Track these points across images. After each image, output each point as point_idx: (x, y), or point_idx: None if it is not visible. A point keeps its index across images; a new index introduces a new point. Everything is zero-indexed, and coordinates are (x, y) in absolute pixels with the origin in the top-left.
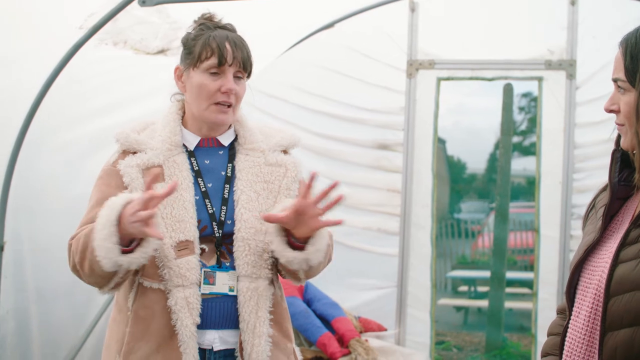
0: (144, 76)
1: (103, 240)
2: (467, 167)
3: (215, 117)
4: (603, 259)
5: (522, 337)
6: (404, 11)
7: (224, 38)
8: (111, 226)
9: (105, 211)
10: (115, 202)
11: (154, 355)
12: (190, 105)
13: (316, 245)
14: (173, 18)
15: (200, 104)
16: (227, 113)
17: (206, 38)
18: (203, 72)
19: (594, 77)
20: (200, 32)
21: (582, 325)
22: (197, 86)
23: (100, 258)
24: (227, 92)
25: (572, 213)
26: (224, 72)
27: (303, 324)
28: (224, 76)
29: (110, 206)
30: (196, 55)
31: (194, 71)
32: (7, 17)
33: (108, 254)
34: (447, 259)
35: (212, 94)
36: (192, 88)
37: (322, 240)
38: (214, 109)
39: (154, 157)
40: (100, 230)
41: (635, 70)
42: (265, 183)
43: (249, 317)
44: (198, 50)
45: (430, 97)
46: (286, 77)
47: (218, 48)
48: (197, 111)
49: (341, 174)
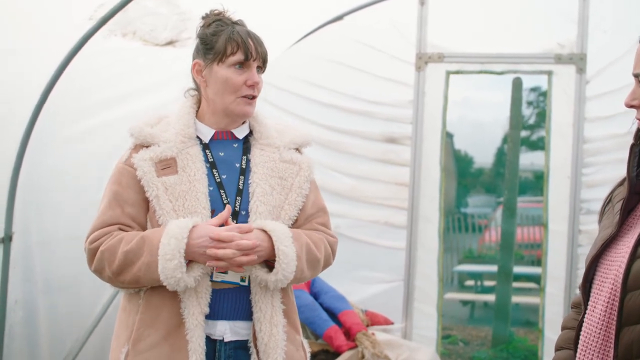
0: (153, 68)
1: (173, 270)
2: (474, 162)
3: (242, 109)
4: (620, 253)
5: (528, 332)
6: (413, 4)
7: (246, 34)
8: (180, 257)
9: (172, 241)
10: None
11: (162, 343)
12: (211, 100)
13: (278, 275)
14: (182, 9)
15: (225, 97)
16: (252, 105)
17: (229, 33)
18: (229, 66)
19: (604, 71)
20: (219, 28)
21: (597, 320)
22: (223, 80)
23: (169, 285)
24: (253, 85)
25: (580, 208)
26: (249, 67)
27: (310, 317)
28: (249, 70)
29: (175, 236)
30: (221, 51)
31: (218, 66)
32: (16, 8)
33: (179, 282)
34: (453, 253)
35: (239, 88)
36: (217, 82)
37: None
38: (240, 102)
39: (167, 149)
40: (169, 260)
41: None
42: (279, 179)
43: (265, 307)
44: (222, 45)
45: (439, 90)
46: (295, 70)
47: (244, 43)
48: (222, 104)
49: (349, 167)
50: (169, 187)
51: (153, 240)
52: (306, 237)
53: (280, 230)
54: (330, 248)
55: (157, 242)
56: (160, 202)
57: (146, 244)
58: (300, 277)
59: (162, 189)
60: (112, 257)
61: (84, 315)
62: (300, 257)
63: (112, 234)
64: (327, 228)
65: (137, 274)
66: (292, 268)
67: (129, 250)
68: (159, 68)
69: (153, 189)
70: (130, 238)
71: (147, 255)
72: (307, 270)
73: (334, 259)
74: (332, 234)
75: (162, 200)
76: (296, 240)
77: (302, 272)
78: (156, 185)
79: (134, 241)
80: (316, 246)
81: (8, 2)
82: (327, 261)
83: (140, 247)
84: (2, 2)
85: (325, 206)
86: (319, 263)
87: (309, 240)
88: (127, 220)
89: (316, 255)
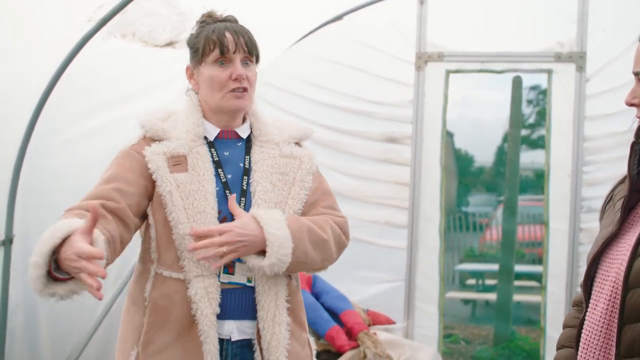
0: (152, 69)
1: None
2: (474, 160)
3: (233, 103)
4: (621, 251)
5: (530, 330)
6: (412, 3)
7: (223, 29)
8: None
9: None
10: (58, 229)
11: (173, 345)
12: (206, 101)
13: (271, 259)
14: (182, 9)
15: (215, 95)
16: (243, 98)
17: (207, 32)
18: (211, 64)
19: (603, 69)
20: (201, 29)
21: (599, 318)
22: (209, 79)
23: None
24: (238, 77)
25: (581, 206)
26: (231, 61)
27: (311, 317)
28: (231, 64)
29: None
30: (200, 51)
31: (202, 66)
32: (15, 9)
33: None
34: (454, 252)
35: (225, 83)
36: (204, 82)
37: (281, 248)
38: (230, 96)
39: (180, 146)
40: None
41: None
42: (280, 174)
43: (268, 306)
44: (201, 45)
45: (439, 89)
46: (294, 70)
47: (219, 39)
48: (214, 103)
49: (349, 167)
50: (181, 184)
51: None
52: (307, 220)
53: (269, 216)
54: (340, 228)
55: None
56: (173, 198)
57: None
58: (306, 259)
59: (174, 185)
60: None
61: (84, 318)
62: (301, 238)
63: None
64: (333, 210)
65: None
66: (287, 250)
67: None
68: (159, 69)
69: (167, 184)
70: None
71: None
72: (313, 252)
73: (348, 239)
74: (340, 214)
75: (174, 197)
76: (293, 223)
77: (306, 254)
78: (169, 181)
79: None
80: (320, 227)
81: (8, 2)
82: (339, 241)
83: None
84: (2, 2)
85: (329, 189)
86: (326, 243)
87: (310, 222)
88: (114, 195)
89: (321, 236)
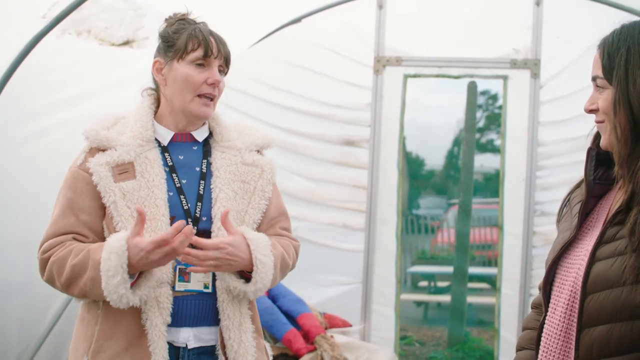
0: (108, 68)
1: (116, 286)
2: (425, 164)
3: (199, 109)
4: (579, 256)
5: (482, 332)
6: (371, 8)
7: (208, 32)
8: (124, 272)
9: (112, 257)
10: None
11: (123, 354)
12: (169, 99)
13: (257, 285)
14: (138, 4)
15: (184, 95)
16: (210, 106)
17: (191, 30)
18: (189, 63)
19: (557, 76)
20: (181, 26)
21: (558, 322)
22: (183, 78)
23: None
24: (214, 83)
25: (535, 210)
26: (210, 65)
27: (268, 321)
28: (209, 68)
29: (115, 252)
30: (182, 47)
31: (178, 63)
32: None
33: (122, 299)
34: (407, 255)
35: (198, 86)
36: (176, 80)
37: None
38: (198, 101)
39: (125, 153)
40: (112, 277)
41: (612, 68)
42: (242, 183)
43: (233, 315)
44: (183, 42)
45: (396, 93)
46: (252, 72)
47: (204, 40)
48: (180, 103)
49: (307, 169)
50: (127, 192)
51: (96, 255)
52: (279, 246)
53: (259, 240)
54: (295, 253)
55: (99, 257)
56: (117, 208)
57: (90, 257)
58: (274, 283)
59: (119, 194)
60: (61, 270)
61: (35, 322)
62: (277, 265)
63: (65, 244)
64: (289, 232)
65: (83, 288)
66: (270, 276)
67: (75, 263)
68: (115, 68)
69: (110, 194)
70: (79, 250)
71: (91, 269)
72: (279, 278)
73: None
74: (295, 238)
75: (119, 207)
76: (273, 249)
77: (275, 280)
78: (113, 191)
79: (81, 254)
80: (287, 254)
81: None
82: (293, 266)
83: (86, 260)
84: None
85: (286, 210)
86: (288, 269)
87: (281, 248)
88: (81, 229)
89: (287, 263)
